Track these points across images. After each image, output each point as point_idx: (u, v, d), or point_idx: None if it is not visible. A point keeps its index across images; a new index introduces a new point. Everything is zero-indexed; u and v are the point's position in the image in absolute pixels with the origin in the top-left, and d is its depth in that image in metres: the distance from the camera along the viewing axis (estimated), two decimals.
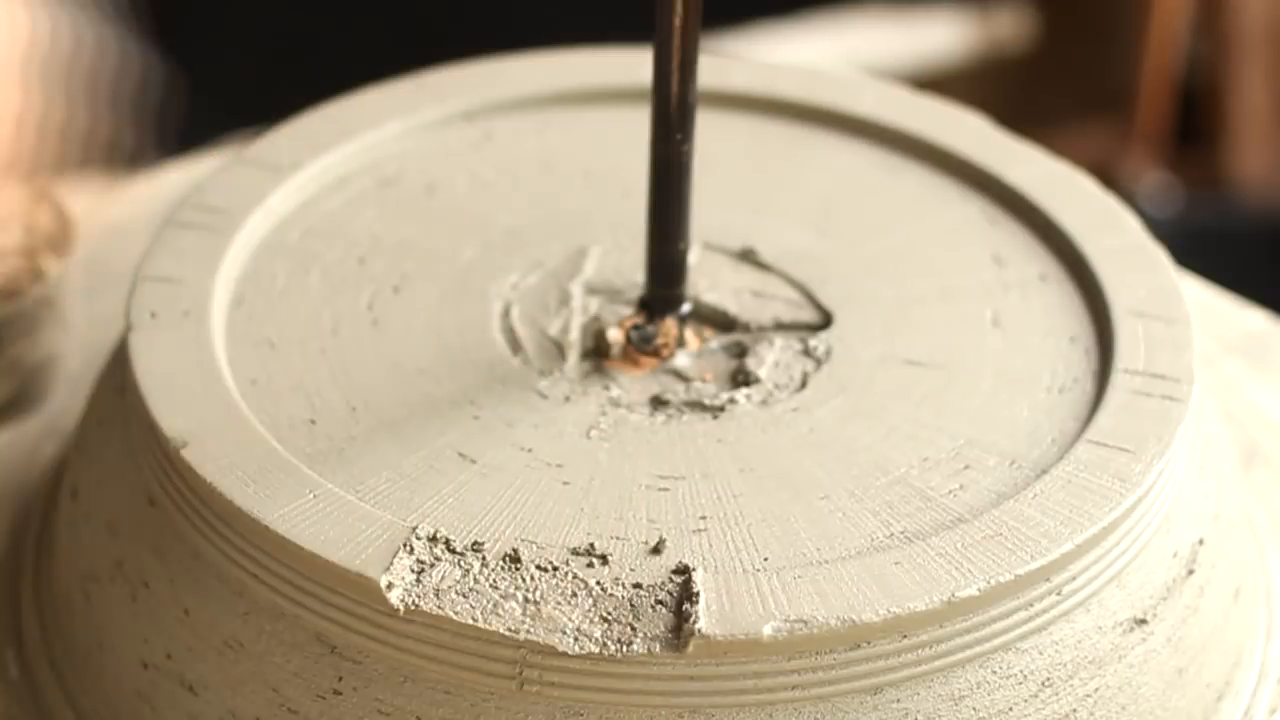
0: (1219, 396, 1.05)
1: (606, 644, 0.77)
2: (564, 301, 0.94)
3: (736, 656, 0.77)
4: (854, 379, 0.90)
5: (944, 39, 2.33)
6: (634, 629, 0.78)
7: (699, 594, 0.78)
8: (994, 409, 0.89)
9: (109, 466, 0.89)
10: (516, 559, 0.80)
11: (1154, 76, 2.19)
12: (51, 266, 1.06)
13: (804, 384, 0.90)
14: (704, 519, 0.83)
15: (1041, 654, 0.82)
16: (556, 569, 0.80)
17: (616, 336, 0.91)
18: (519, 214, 0.99)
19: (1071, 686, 0.82)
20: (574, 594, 0.79)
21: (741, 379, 0.91)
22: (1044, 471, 0.85)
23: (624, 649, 0.77)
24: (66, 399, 1.06)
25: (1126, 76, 2.24)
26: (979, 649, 0.80)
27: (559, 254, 0.97)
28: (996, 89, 2.31)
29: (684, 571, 0.80)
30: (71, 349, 1.07)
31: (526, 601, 0.79)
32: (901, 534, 0.83)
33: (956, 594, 0.79)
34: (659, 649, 0.77)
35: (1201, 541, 0.88)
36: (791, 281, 0.96)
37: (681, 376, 0.91)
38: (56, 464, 0.99)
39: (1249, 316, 1.13)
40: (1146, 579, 0.85)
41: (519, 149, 1.03)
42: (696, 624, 0.77)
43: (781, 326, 0.94)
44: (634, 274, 0.95)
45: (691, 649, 0.77)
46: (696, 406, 0.89)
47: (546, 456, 0.86)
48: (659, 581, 0.79)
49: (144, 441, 0.87)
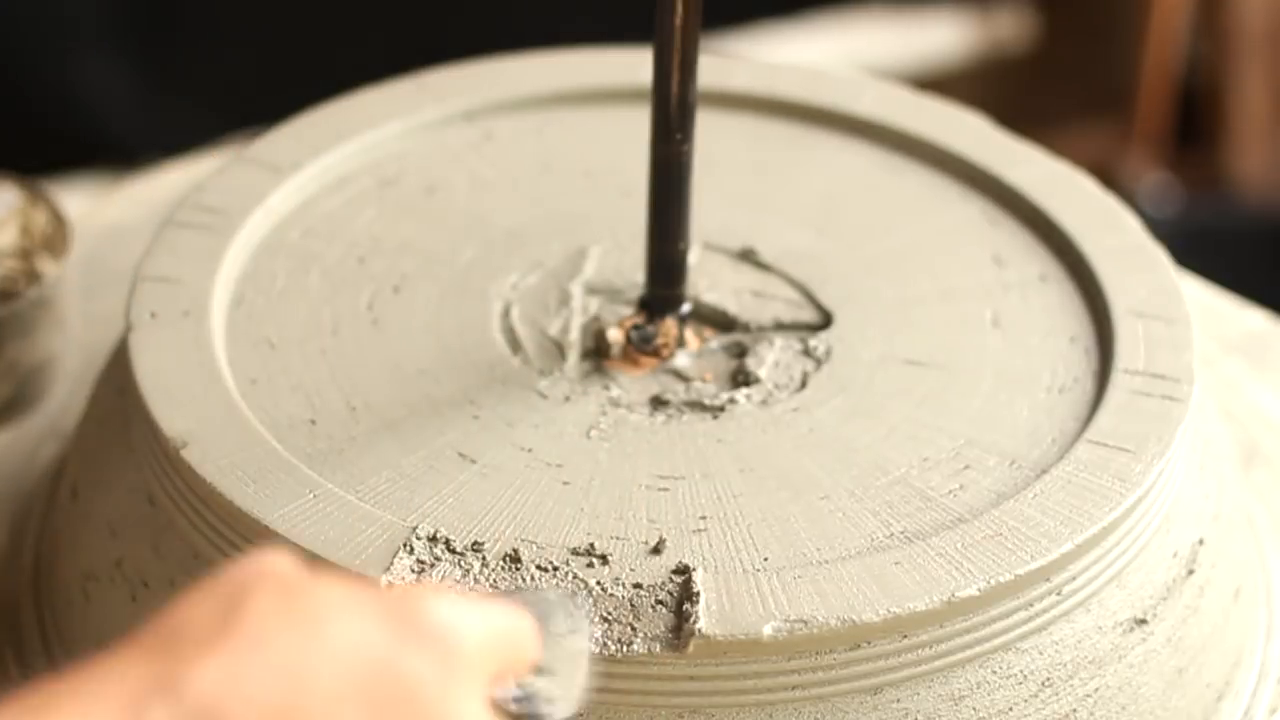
0: (1219, 396, 1.05)
1: (606, 644, 0.77)
2: (564, 301, 0.94)
3: (736, 656, 0.77)
4: (854, 379, 0.90)
5: (944, 39, 2.33)
6: (634, 629, 0.78)
7: (699, 594, 0.78)
8: (994, 409, 0.89)
9: (109, 466, 0.89)
10: (516, 559, 0.80)
11: (1154, 76, 2.19)
12: (48, 268, 1.06)
13: (804, 384, 0.90)
14: (704, 519, 0.83)
15: (1041, 654, 0.82)
16: (556, 569, 0.80)
17: (616, 336, 0.91)
18: (519, 214, 0.99)
19: (1071, 686, 0.82)
20: (574, 594, 0.79)
21: (741, 379, 0.91)
22: (1044, 471, 0.85)
23: (624, 649, 0.77)
24: (66, 399, 1.05)
25: (1126, 76, 2.24)
26: (979, 649, 0.80)
27: (559, 254, 0.97)
28: (996, 89, 2.31)
29: (684, 571, 0.80)
30: (70, 349, 1.07)
31: None
32: (901, 534, 0.82)
33: (956, 594, 0.79)
34: (659, 649, 0.77)
35: (1201, 541, 0.88)
36: (791, 281, 0.96)
37: (681, 376, 0.91)
38: (56, 464, 0.99)
39: (1249, 316, 1.13)
40: (1146, 579, 0.85)
41: (519, 149, 1.03)
42: (696, 624, 0.77)
43: (781, 326, 0.94)
44: (634, 274, 0.95)
45: (691, 649, 0.77)
46: (696, 406, 0.89)
47: (546, 456, 0.86)
48: (659, 581, 0.79)
49: (144, 441, 0.87)
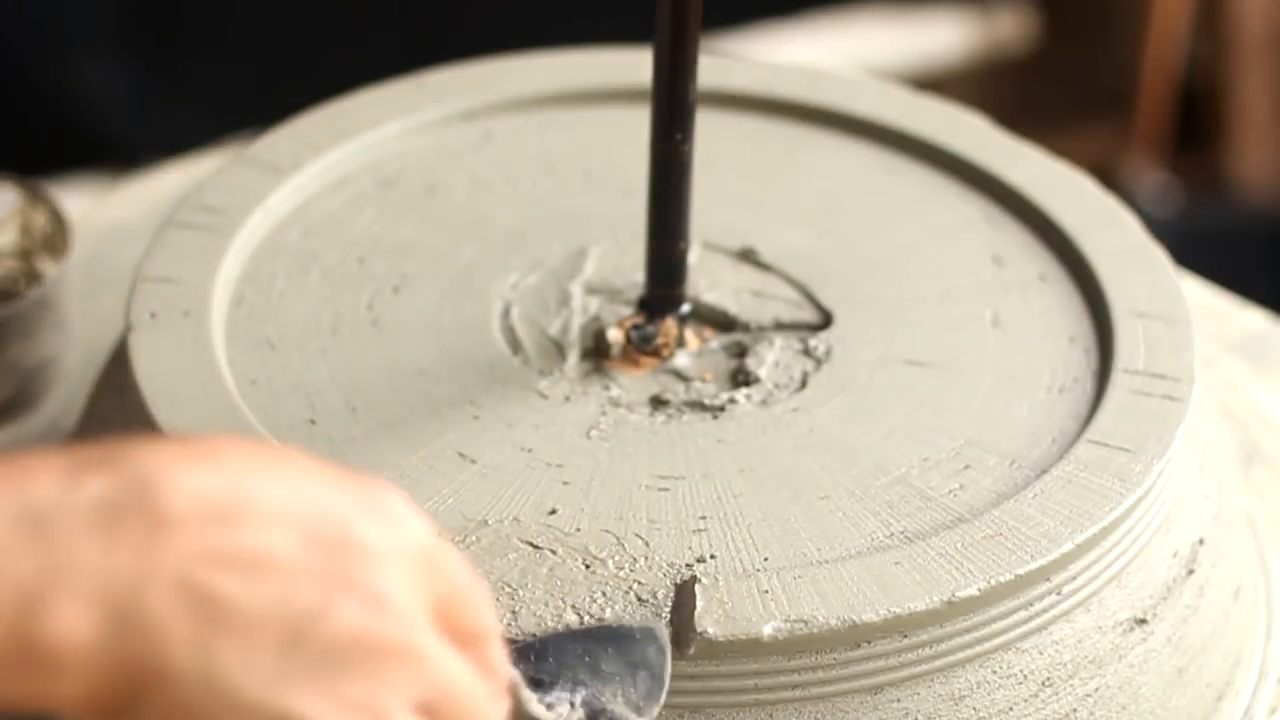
0: (1219, 396, 1.05)
1: None
2: (564, 301, 0.94)
3: (736, 656, 0.77)
4: (854, 379, 0.90)
5: (945, 39, 2.33)
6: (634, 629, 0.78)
7: (699, 594, 0.78)
8: (994, 409, 0.89)
9: None
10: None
11: (1154, 77, 2.19)
12: (48, 268, 1.06)
13: (804, 384, 0.90)
14: (704, 519, 0.83)
15: (1041, 654, 0.82)
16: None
17: (616, 336, 0.91)
18: (519, 214, 0.99)
19: (1071, 686, 0.82)
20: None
21: (741, 379, 0.91)
22: (1044, 471, 0.85)
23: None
24: (66, 399, 1.06)
25: (1126, 76, 2.25)
26: (979, 649, 0.80)
27: (559, 254, 0.97)
28: (996, 89, 2.31)
29: (684, 572, 0.80)
30: (70, 349, 1.07)
31: None
32: (901, 534, 0.82)
33: (956, 594, 0.79)
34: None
35: (1201, 541, 0.88)
36: (791, 281, 0.96)
37: (681, 376, 0.91)
38: None
39: (1249, 316, 1.13)
40: (1146, 579, 0.85)
41: (519, 149, 1.03)
42: (697, 624, 0.77)
43: (781, 326, 0.94)
44: (634, 274, 0.95)
45: (692, 649, 0.77)
46: (696, 406, 0.89)
47: (546, 456, 0.86)
48: (659, 581, 0.79)
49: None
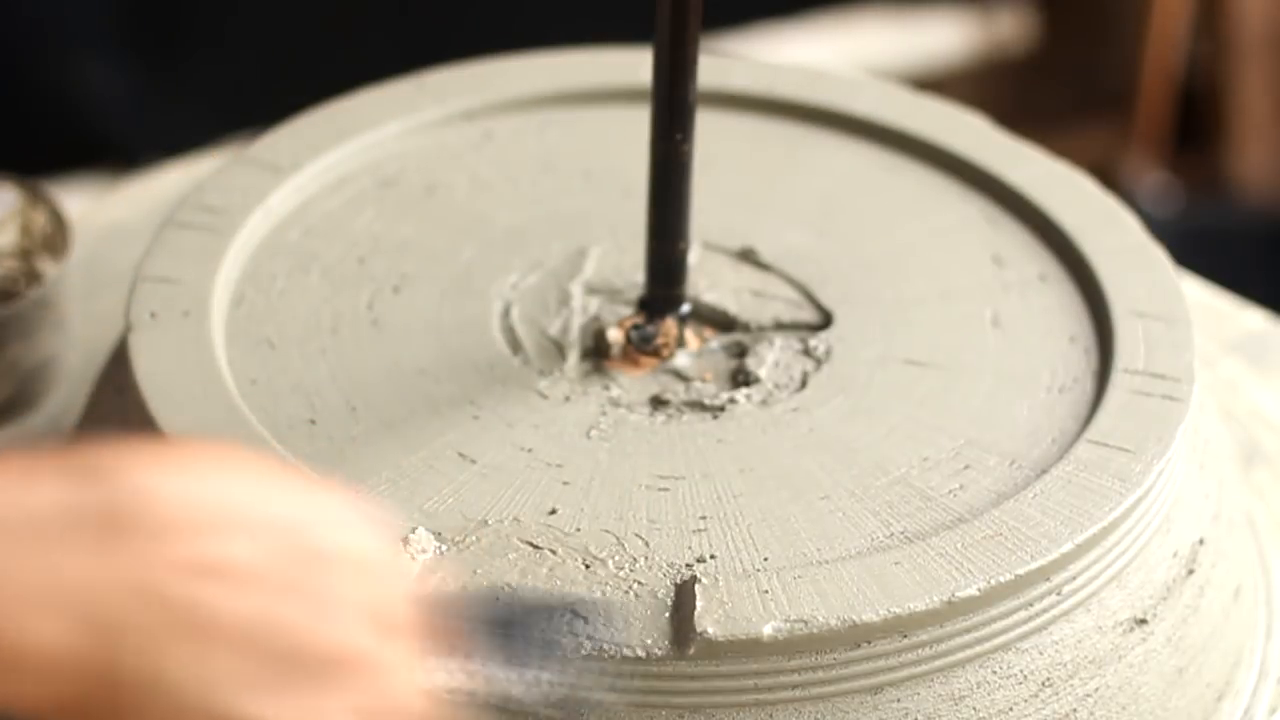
0: (1219, 396, 1.05)
1: (606, 644, 0.77)
2: (564, 301, 0.94)
3: (736, 656, 0.77)
4: (854, 379, 0.90)
5: (945, 39, 2.33)
6: (634, 629, 0.78)
7: (699, 594, 0.78)
8: (994, 409, 0.89)
9: None
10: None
11: (1154, 77, 2.19)
12: (48, 268, 1.06)
13: (804, 384, 0.90)
14: (704, 519, 0.83)
15: (1041, 654, 0.82)
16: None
17: (616, 336, 0.91)
18: (519, 214, 0.99)
19: (1071, 686, 0.82)
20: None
21: (741, 379, 0.91)
22: (1044, 471, 0.85)
23: (624, 649, 0.77)
24: (66, 399, 1.05)
25: (1126, 76, 2.24)
26: (979, 649, 0.80)
27: (559, 254, 0.97)
28: (996, 89, 2.31)
29: (684, 572, 0.80)
30: (70, 349, 1.07)
31: None
32: (901, 534, 0.82)
33: (956, 594, 0.79)
34: (659, 649, 0.77)
35: (1201, 541, 0.88)
36: (791, 281, 0.96)
37: (681, 376, 0.91)
38: None
39: (1249, 316, 1.13)
40: (1146, 579, 0.85)
41: (519, 149, 1.03)
42: (697, 624, 0.77)
43: (781, 326, 0.94)
44: (634, 274, 0.95)
45: (691, 649, 0.77)
46: (696, 406, 0.89)
47: (546, 456, 0.86)
48: (659, 581, 0.79)
49: (144, 441, 0.87)
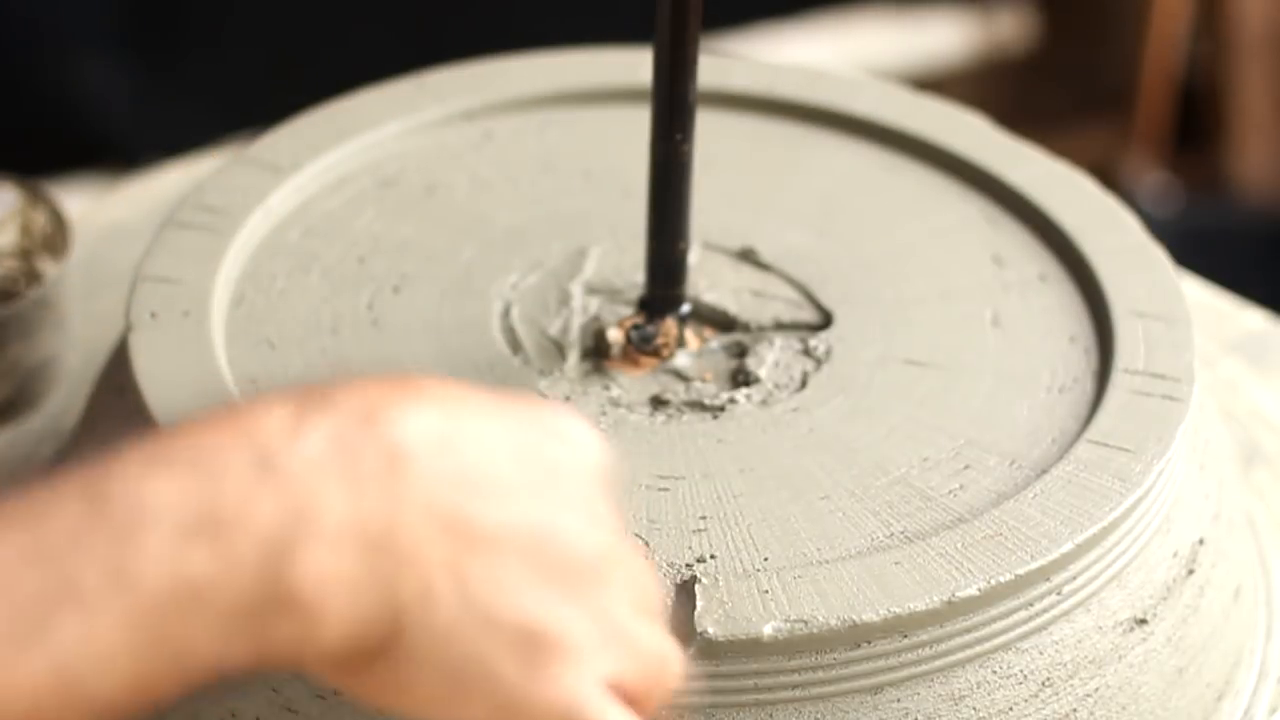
0: (1219, 396, 1.05)
1: None
2: (564, 301, 0.94)
3: (736, 656, 0.77)
4: (854, 379, 0.90)
5: (945, 39, 2.33)
6: None
7: (699, 594, 0.78)
8: (994, 409, 0.89)
9: None
10: None
11: (1154, 76, 2.19)
12: (48, 268, 1.06)
13: (804, 384, 0.90)
14: (704, 519, 0.83)
15: (1041, 654, 0.82)
16: None
17: (616, 336, 0.91)
18: (519, 214, 0.99)
19: (1071, 686, 0.82)
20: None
21: (741, 379, 0.91)
22: (1044, 471, 0.85)
23: None
24: (66, 399, 1.05)
25: (1126, 76, 2.25)
26: (979, 649, 0.80)
27: (559, 254, 0.97)
28: (996, 89, 2.31)
29: (684, 572, 0.80)
30: (70, 349, 1.07)
31: None
32: (901, 534, 0.82)
33: (956, 594, 0.79)
34: None
35: (1201, 541, 0.88)
36: (791, 281, 0.96)
37: (681, 376, 0.91)
38: (56, 464, 0.99)
39: (1249, 316, 1.13)
40: (1146, 579, 0.85)
41: (519, 149, 1.03)
42: (697, 624, 0.77)
43: (781, 326, 0.94)
44: (634, 274, 0.95)
45: (692, 649, 0.77)
46: (696, 406, 0.89)
47: None
48: (659, 581, 0.79)
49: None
